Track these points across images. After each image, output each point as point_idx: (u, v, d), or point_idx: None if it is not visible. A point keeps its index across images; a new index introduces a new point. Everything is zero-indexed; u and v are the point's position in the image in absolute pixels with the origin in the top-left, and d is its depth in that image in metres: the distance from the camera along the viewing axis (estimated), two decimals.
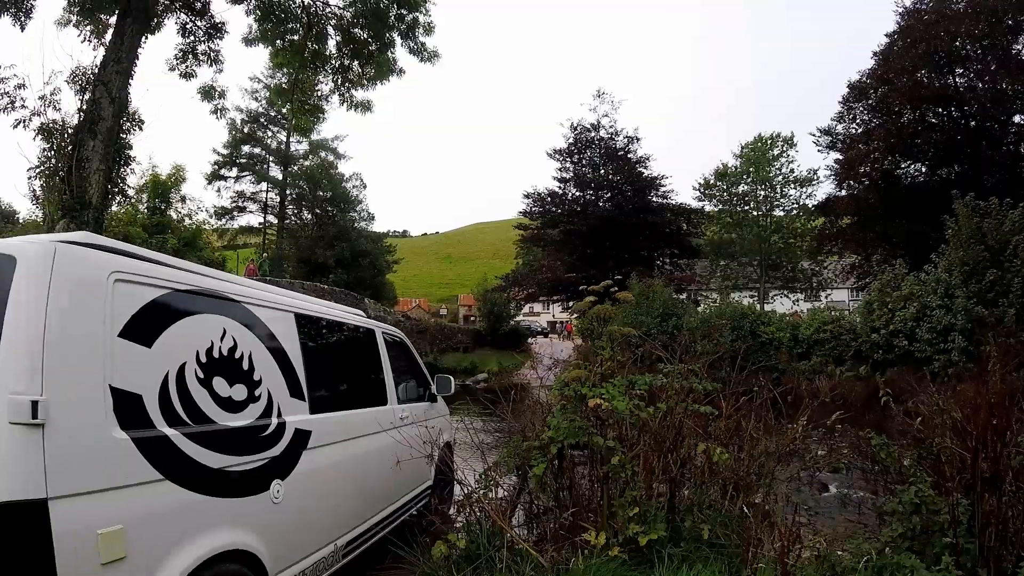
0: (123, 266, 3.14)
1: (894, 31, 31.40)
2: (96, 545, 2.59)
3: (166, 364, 3.25)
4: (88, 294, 2.86)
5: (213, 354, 3.63)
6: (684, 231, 43.19)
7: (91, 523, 2.60)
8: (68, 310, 2.72)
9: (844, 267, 38.87)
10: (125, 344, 2.99)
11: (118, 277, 3.04)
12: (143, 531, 2.84)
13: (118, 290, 3.02)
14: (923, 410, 8.25)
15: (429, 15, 13.71)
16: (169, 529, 3.01)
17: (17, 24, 11.14)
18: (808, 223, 40.09)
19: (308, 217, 50.69)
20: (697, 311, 29.91)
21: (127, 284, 3.10)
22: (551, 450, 5.47)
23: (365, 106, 14.98)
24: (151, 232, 18.88)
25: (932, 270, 21.30)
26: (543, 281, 44.55)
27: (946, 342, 19.55)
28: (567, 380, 5.77)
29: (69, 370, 2.66)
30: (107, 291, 2.95)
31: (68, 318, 2.71)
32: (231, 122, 47.87)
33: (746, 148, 41.63)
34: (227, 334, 3.81)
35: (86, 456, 2.65)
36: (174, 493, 3.08)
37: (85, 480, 2.62)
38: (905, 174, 32.22)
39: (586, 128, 42.74)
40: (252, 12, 13.70)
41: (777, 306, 38.25)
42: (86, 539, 2.56)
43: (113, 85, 10.25)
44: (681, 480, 5.43)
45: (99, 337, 2.84)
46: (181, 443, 3.19)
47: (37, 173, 10.12)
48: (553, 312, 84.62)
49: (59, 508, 2.46)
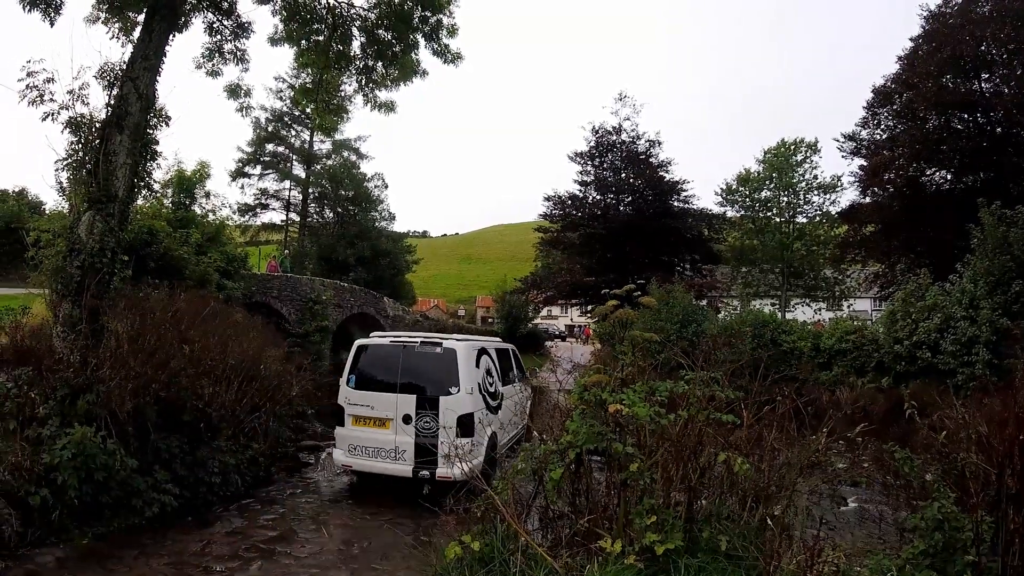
0: (479, 344, 11.65)
1: (919, 35, 30.99)
2: (480, 422, 10.20)
3: (480, 372, 11.01)
4: (472, 354, 10.89)
5: (487, 366, 11.48)
6: (706, 237, 42.93)
7: (480, 416, 10.29)
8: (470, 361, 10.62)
9: (867, 276, 38.44)
10: (475, 369, 10.72)
11: (477, 348, 11.27)
12: (483, 418, 10.46)
13: (479, 351, 11.34)
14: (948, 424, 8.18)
15: (453, 17, 13.67)
16: (487, 420, 10.71)
17: (47, 19, 11.23)
18: (831, 230, 39.66)
19: (330, 216, 50.82)
20: (718, 318, 29.73)
21: (481, 349, 11.49)
22: (569, 455, 5.46)
23: (389, 107, 15.00)
24: (175, 226, 18.95)
25: (957, 280, 20.97)
26: (562, 284, 44.46)
27: (970, 354, 19.24)
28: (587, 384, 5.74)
29: (470, 379, 10.29)
30: (476, 354, 11.09)
31: (469, 364, 10.52)
32: (255, 121, 48.21)
33: (769, 153, 41.19)
34: (489, 356, 11.87)
35: (475, 402, 10.29)
36: (487, 410, 10.83)
37: (476, 406, 10.25)
38: (930, 181, 31.71)
39: (608, 131, 42.60)
40: (278, 12, 13.74)
41: (799, 314, 37.87)
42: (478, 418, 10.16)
43: (141, 81, 10.33)
44: (700, 489, 5.38)
45: (476, 367, 10.84)
46: (487, 398, 10.96)
47: (64, 165, 10.19)
48: (571, 316, 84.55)
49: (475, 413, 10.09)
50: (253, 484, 10.55)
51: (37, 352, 8.94)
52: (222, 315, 14.03)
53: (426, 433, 9.82)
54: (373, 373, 10.51)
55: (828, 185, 39.25)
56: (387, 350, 10.61)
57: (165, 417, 9.30)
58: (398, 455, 9.93)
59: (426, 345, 10.45)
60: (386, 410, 10.13)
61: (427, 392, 10.02)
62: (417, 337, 10.93)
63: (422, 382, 10.14)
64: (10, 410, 7.93)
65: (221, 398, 10.40)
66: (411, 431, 9.92)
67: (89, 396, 8.18)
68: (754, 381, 6.37)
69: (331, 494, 10.93)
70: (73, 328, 9.02)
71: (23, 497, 7.15)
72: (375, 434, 10.18)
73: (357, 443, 10.27)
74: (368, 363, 10.66)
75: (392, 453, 9.95)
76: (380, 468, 10.08)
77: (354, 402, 10.43)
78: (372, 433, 10.20)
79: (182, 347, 10.12)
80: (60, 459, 7.45)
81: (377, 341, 10.95)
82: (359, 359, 10.73)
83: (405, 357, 10.38)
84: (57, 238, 10.64)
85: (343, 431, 10.50)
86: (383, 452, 10.03)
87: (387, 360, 10.49)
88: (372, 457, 10.14)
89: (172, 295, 12.80)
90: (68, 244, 9.57)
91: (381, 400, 10.21)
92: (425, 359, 10.31)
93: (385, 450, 10.02)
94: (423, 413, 9.90)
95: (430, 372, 10.19)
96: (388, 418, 10.10)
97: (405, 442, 9.93)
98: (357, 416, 10.38)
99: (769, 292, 41.66)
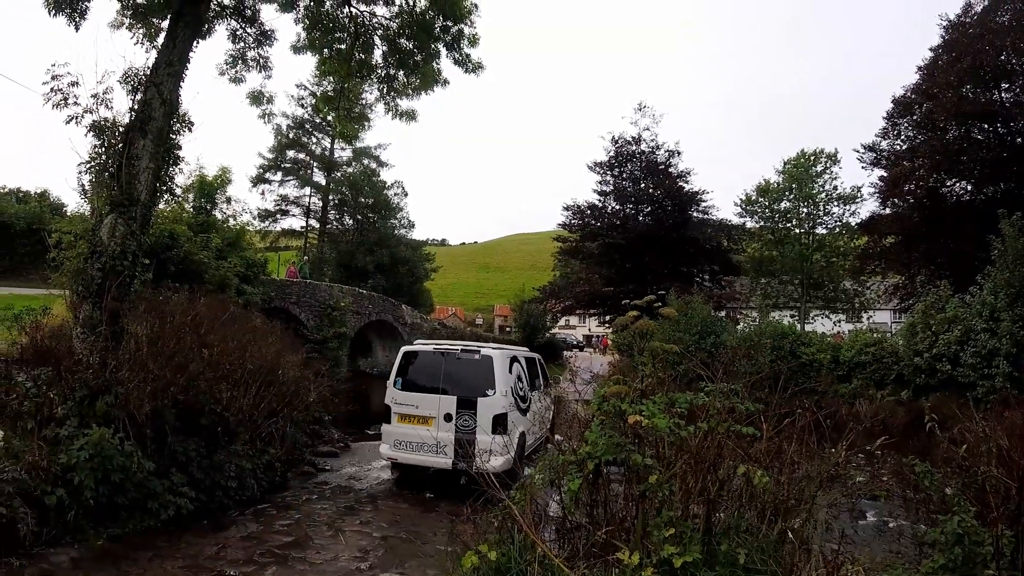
0: (511, 352, 12.81)
1: (939, 45, 30.88)
2: (512, 422, 11.32)
3: (513, 377, 12.06)
4: (506, 361, 11.95)
5: (518, 372, 12.55)
6: (725, 248, 42.73)
7: (512, 417, 11.40)
8: (504, 367, 11.69)
9: (887, 288, 38.15)
10: (508, 374, 11.78)
11: (509, 356, 12.38)
12: (514, 419, 11.53)
13: (511, 359, 12.41)
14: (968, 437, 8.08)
15: (474, 27, 13.68)
16: (518, 421, 11.71)
17: (72, 23, 11.35)
18: (851, 242, 39.40)
19: (349, 223, 51.12)
20: (737, 329, 29.57)
21: (513, 356, 12.63)
22: (588, 466, 5.41)
23: (410, 115, 15.03)
24: (196, 231, 19.06)
25: (977, 292, 20.79)
26: (580, 294, 44.37)
27: (990, 367, 19.06)
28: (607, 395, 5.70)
29: (504, 383, 11.43)
30: (509, 361, 12.20)
31: (504, 370, 11.61)
32: (277, 127, 48.60)
33: (789, 164, 40.96)
34: (519, 363, 12.87)
35: (508, 404, 11.38)
36: (518, 412, 11.85)
37: (508, 408, 11.37)
38: (950, 192, 31.51)
39: (627, 141, 42.51)
40: (301, 20, 13.82)
41: (818, 326, 37.57)
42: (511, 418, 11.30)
43: (165, 87, 10.41)
44: (718, 502, 5.31)
45: (509, 373, 11.92)
46: (517, 401, 11.96)
47: (87, 168, 10.27)
48: (589, 326, 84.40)
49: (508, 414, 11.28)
50: (269, 489, 10.57)
51: (57, 353, 9.00)
52: (241, 320, 14.07)
53: (465, 430, 11.03)
54: (418, 376, 11.79)
55: (848, 196, 38.94)
56: (431, 356, 11.96)
57: (183, 420, 9.34)
58: (439, 449, 11.07)
59: (466, 352, 11.85)
60: (429, 409, 11.40)
61: (466, 393, 11.24)
62: (457, 345, 12.45)
63: (462, 385, 11.39)
64: (28, 409, 7.99)
65: (239, 402, 10.42)
66: (451, 428, 11.15)
67: (108, 398, 8.22)
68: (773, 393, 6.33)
69: (346, 501, 10.91)
70: (93, 330, 9.07)
71: (39, 496, 7.19)
72: (419, 430, 11.36)
73: (402, 438, 11.50)
74: (413, 367, 11.94)
75: (434, 447, 11.06)
76: (422, 460, 11.28)
77: (400, 402, 11.68)
78: (416, 429, 11.41)
79: (201, 351, 10.16)
80: (77, 459, 7.48)
81: (422, 348, 12.33)
82: (405, 363, 12.00)
83: (447, 362, 11.71)
84: (78, 240, 10.75)
85: (389, 428, 11.75)
86: (426, 446, 11.14)
87: (431, 365, 11.81)
88: (415, 451, 11.31)
89: (192, 299, 12.87)
90: (90, 246, 9.64)
91: (425, 400, 11.47)
92: (465, 364, 11.63)
93: (428, 444, 11.12)
94: (463, 412, 11.16)
95: (469, 376, 11.46)
96: (431, 416, 11.35)
97: (446, 438, 11.12)
98: (403, 414, 11.62)
99: (788, 304, 41.42)
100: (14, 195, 36.76)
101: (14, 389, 8.22)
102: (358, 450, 15.43)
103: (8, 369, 8.73)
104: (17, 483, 7.03)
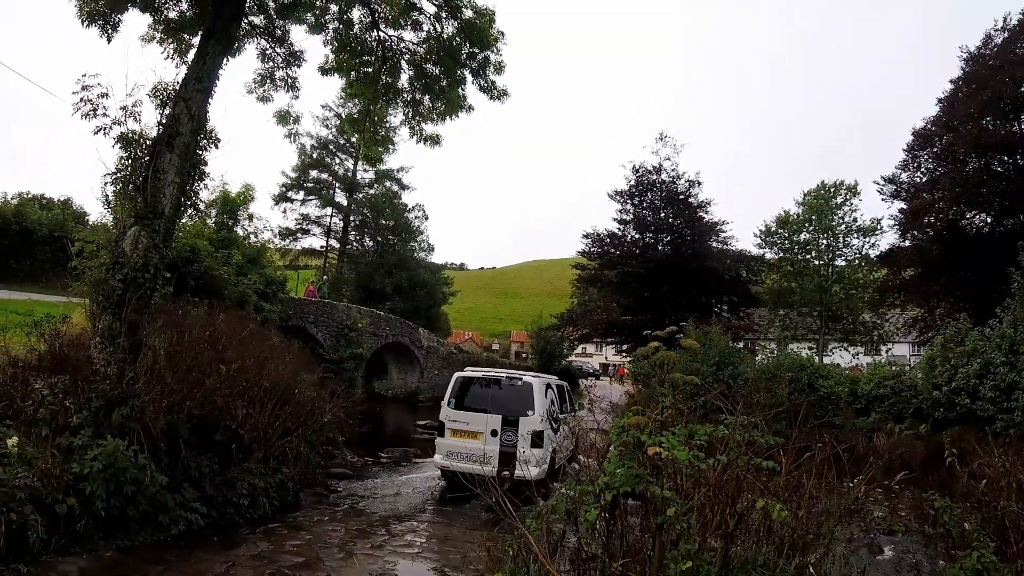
0: (546, 380, 14.84)
1: (959, 77, 30.98)
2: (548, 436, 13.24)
3: (547, 401, 13.78)
4: (543, 387, 13.90)
5: (551, 397, 14.34)
6: (744, 278, 42.58)
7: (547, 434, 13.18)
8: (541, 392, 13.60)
9: (906, 320, 37.95)
10: (544, 398, 13.59)
11: (545, 383, 14.32)
12: (548, 435, 13.27)
13: (546, 385, 14.37)
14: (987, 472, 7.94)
15: (500, 54, 13.76)
16: (551, 438, 13.41)
17: (104, 35, 11.52)
18: (870, 274, 39.32)
19: (369, 244, 51.44)
20: (754, 361, 29.38)
21: (547, 384, 14.59)
22: (606, 497, 5.34)
23: (434, 140, 15.06)
24: (217, 246, 19.18)
25: (996, 325, 20.58)
26: (598, 322, 44.31)
27: (1009, 400, 18.78)
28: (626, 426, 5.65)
29: (541, 405, 13.26)
30: (545, 387, 14.11)
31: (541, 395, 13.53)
32: (301, 147, 49.17)
33: (809, 196, 41.05)
34: (552, 389, 14.73)
35: (544, 423, 13.08)
36: (551, 430, 13.46)
37: (544, 426, 13.09)
38: (970, 225, 31.43)
39: (648, 171, 42.55)
40: (329, 43, 13.95)
41: (836, 359, 37.33)
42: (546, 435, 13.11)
43: (193, 102, 10.49)
44: (736, 535, 5.22)
45: (545, 397, 13.70)
46: (551, 421, 13.47)
47: (113, 179, 10.33)
48: (606, 354, 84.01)
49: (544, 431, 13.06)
50: (280, 508, 10.48)
51: (75, 361, 9.01)
52: (259, 337, 14.09)
53: (508, 444, 12.81)
54: (469, 398, 13.82)
55: (867, 228, 39.02)
56: (480, 381, 14.12)
57: (197, 435, 9.30)
58: (486, 459, 12.09)
59: (510, 379, 14.07)
60: (478, 426, 13.31)
61: (510, 413, 13.17)
62: (502, 373, 14.99)
63: (506, 406, 13.34)
64: (43, 417, 7.99)
65: (254, 420, 10.37)
66: (496, 442, 13.04)
67: (124, 409, 8.21)
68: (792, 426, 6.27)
69: (359, 523, 10.81)
70: (112, 341, 9.09)
71: (50, 504, 7.15)
72: (468, 443, 13.23)
73: (454, 449, 13.36)
74: (465, 391, 13.98)
75: (481, 458, 11.95)
76: (471, 469, 11.59)
77: (453, 419, 13.62)
78: (466, 443, 13.29)
79: (219, 367, 10.15)
80: (90, 469, 7.46)
81: (472, 375, 14.51)
82: (458, 387, 14.02)
83: (494, 387, 13.84)
84: (101, 250, 10.78)
85: (443, 440, 13.70)
86: (474, 457, 12.24)
87: (480, 389, 13.92)
88: (465, 461, 12.58)
89: (211, 314, 12.89)
90: (112, 257, 9.67)
91: (475, 418, 13.40)
92: (509, 389, 13.71)
93: (476, 455, 12.29)
94: (506, 429, 13.04)
95: (512, 399, 13.46)
96: (479, 431, 13.26)
97: (492, 450, 12.87)
98: (455, 429, 13.57)
99: (807, 336, 41.24)
100: (37, 201, 37.13)
101: (31, 395, 8.23)
102: (371, 473, 15.35)
103: (26, 375, 8.74)
104: (29, 490, 7.00)
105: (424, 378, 37.39)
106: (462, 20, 13.22)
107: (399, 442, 20.54)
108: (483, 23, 13.14)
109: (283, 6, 13.13)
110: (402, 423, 27.37)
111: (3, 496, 6.66)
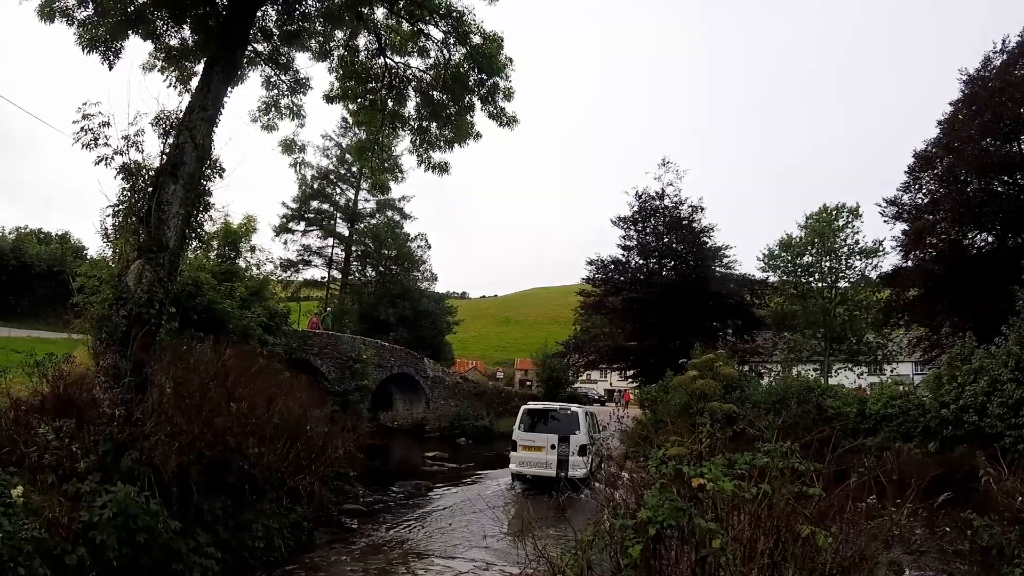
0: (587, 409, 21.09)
1: (958, 99, 30.95)
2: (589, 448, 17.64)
3: (588, 423, 18.77)
4: (585, 414, 19.11)
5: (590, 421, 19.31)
6: (748, 302, 42.39)
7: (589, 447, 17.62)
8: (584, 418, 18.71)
9: (910, 340, 37.92)
10: (586, 422, 18.56)
11: (586, 411, 19.84)
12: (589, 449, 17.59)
13: (587, 413, 19.72)
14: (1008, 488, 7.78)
15: (509, 81, 13.59)
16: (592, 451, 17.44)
17: (105, 62, 11.32)
18: (873, 295, 39.36)
19: (372, 274, 51.24)
20: (761, 383, 29.12)
21: (588, 412, 20.06)
22: (649, 531, 5.19)
23: (442, 168, 14.84)
24: (219, 279, 18.91)
25: (1002, 343, 20.43)
26: (604, 348, 44.00)
27: (1017, 416, 18.60)
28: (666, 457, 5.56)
29: (585, 427, 18.25)
30: (586, 414, 19.36)
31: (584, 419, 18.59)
32: (302, 177, 49.02)
33: (811, 219, 41.16)
34: (590, 415, 19.80)
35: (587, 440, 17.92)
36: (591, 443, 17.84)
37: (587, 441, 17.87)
38: (972, 244, 31.45)
39: (651, 197, 42.28)
40: (335, 70, 13.82)
41: (841, 379, 37.24)
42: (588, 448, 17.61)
43: (197, 132, 10.25)
44: (781, 564, 5.06)
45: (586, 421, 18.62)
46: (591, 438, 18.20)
47: (115, 212, 10.01)
48: (610, 380, 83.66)
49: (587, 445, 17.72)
50: (296, 549, 10.18)
51: (80, 403, 8.65)
52: (268, 372, 13.75)
53: (563, 454, 17.66)
54: (532, 423, 18.69)
55: (870, 250, 39.20)
56: (540, 410, 19.35)
57: (209, 476, 8.95)
58: (547, 465, 17.74)
59: (563, 409, 19.36)
60: (542, 442, 18.07)
61: (563, 433, 17.97)
62: (556, 405, 20.34)
63: (560, 427, 18.18)
64: (49, 462, 7.62)
65: (266, 458, 10.02)
66: (555, 453, 17.78)
67: (133, 453, 7.88)
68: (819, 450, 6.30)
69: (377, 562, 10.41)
70: (117, 380, 8.75)
71: (59, 555, 6.78)
72: (535, 455, 18.06)
73: (524, 460, 18.20)
74: (530, 417, 18.96)
75: (544, 465, 17.78)
76: (537, 472, 17.90)
77: (523, 439, 18.42)
78: (533, 455, 18.10)
79: (229, 404, 9.80)
80: (100, 517, 7.09)
81: (535, 407, 19.80)
82: (526, 415, 19.05)
83: (551, 414, 18.96)
84: (103, 285, 10.45)
85: (516, 454, 18.34)
86: (539, 464, 17.90)
87: (541, 415, 18.99)
88: (532, 467, 18.03)
89: (218, 349, 12.56)
90: (115, 293, 9.37)
91: (539, 437, 18.20)
92: (562, 415, 18.81)
93: (540, 463, 17.89)
94: (562, 443, 17.79)
95: (565, 423, 18.35)
96: (542, 446, 18.01)
97: (551, 459, 17.75)
98: (525, 445, 18.30)
99: (811, 357, 41.14)
100: (36, 235, 36.91)
101: (35, 440, 7.86)
102: (385, 509, 14.97)
103: (29, 418, 8.38)
104: (36, 542, 6.63)
105: (430, 408, 36.90)
106: (470, 46, 13.04)
107: (409, 475, 20.33)
108: (491, 49, 12.94)
109: (288, 33, 12.97)
110: (410, 455, 27.03)
111: (10, 550, 6.26)
